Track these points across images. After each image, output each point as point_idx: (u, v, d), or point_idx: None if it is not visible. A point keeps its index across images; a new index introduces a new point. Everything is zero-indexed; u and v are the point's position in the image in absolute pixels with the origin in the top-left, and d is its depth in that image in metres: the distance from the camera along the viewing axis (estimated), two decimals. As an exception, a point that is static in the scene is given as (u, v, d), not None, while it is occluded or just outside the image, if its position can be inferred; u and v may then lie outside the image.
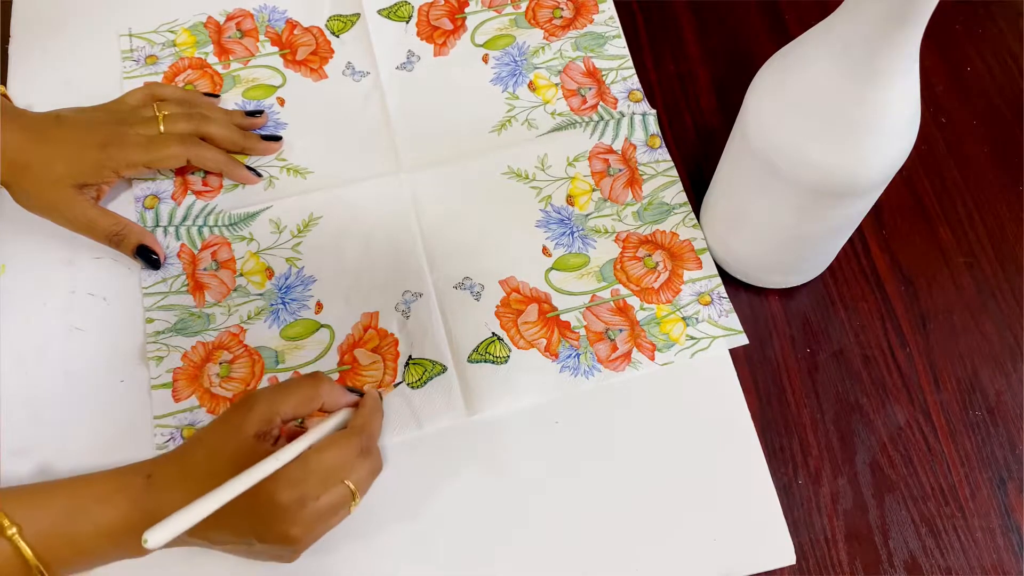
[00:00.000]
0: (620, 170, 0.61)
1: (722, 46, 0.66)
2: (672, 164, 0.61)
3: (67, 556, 0.43)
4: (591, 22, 0.67)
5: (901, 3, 0.37)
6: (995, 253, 0.59)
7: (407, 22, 0.67)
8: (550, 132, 0.62)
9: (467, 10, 0.67)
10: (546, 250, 0.58)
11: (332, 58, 0.65)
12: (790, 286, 0.57)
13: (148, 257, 0.56)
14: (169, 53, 0.65)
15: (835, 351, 0.55)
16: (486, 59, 0.65)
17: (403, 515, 0.50)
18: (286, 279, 0.57)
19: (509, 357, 0.54)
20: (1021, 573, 0.49)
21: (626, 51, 0.66)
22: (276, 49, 0.66)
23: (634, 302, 0.56)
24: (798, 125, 0.43)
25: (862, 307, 0.57)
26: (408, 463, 0.51)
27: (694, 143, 0.62)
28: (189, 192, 0.60)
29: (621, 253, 0.58)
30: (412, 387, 0.53)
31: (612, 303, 0.56)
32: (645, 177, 0.61)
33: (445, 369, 0.54)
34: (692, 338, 0.55)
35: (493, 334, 0.55)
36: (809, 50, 0.42)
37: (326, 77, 0.65)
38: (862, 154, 0.43)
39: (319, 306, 0.56)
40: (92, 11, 0.66)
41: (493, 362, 0.54)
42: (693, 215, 0.59)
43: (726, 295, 0.56)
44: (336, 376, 0.54)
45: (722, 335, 0.55)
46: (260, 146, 0.61)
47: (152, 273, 0.57)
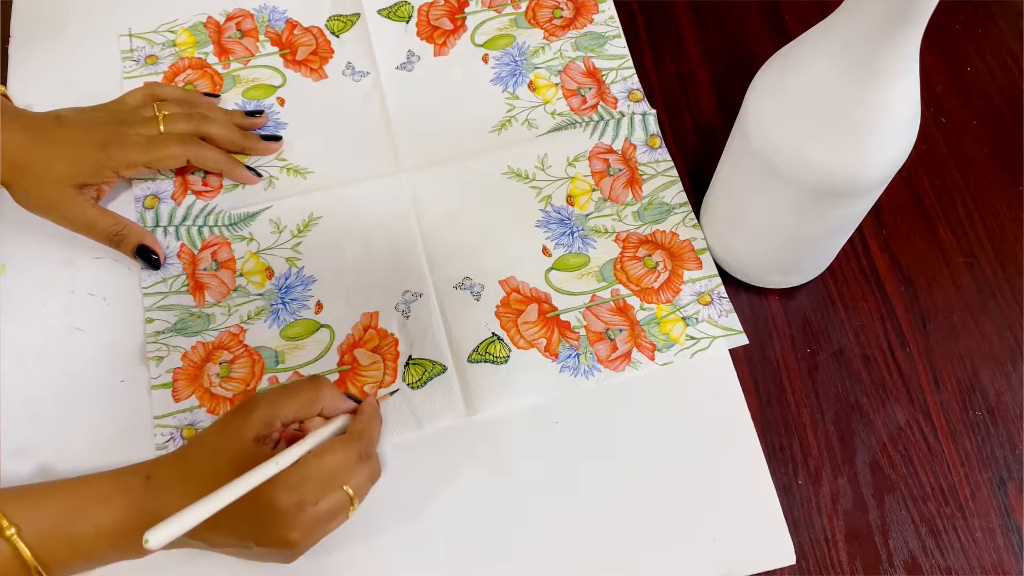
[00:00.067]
0: (620, 170, 0.61)
1: (722, 46, 0.66)
2: (672, 164, 0.61)
3: (66, 557, 0.43)
4: (591, 22, 0.67)
5: (901, 3, 0.37)
6: (995, 253, 0.59)
7: (407, 22, 0.67)
8: (550, 132, 0.62)
9: (467, 10, 0.67)
10: (546, 250, 0.58)
11: (332, 58, 0.65)
12: (790, 286, 0.57)
13: (148, 257, 0.56)
14: (169, 53, 0.65)
15: (835, 351, 0.55)
16: (486, 59, 0.65)
17: (403, 515, 0.50)
18: (286, 279, 0.57)
19: (509, 357, 0.54)
20: (1021, 573, 0.49)
21: (626, 51, 0.66)
22: (276, 49, 0.66)
23: (634, 302, 0.56)
24: (798, 125, 0.43)
25: (862, 307, 0.57)
26: (408, 463, 0.51)
27: (694, 143, 0.62)
28: (189, 192, 0.60)
29: (621, 253, 0.58)
30: (412, 387, 0.53)
31: (612, 303, 0.56)
32: (645, 177, 0.61)
33: (445, 369, 0.54)
34: (692, 338, 0.55)
35: (493, 334, 0.55)
36: (809, 50, 0.42)
37: (326, 77, 0.65)
38: (862, 154, 0.43)
39: (319, 306, 0.56)
40: (92, 11, 0.66)
41: (493, 362, 0.54)
42: (693, 215, 0.59)
43: (726, 295, 0.56)
44: (336, 376, 0.54)
45: (722, 335, 0.55)
46: (260, 146, 0.61)
47: (152, 273, 0.57)
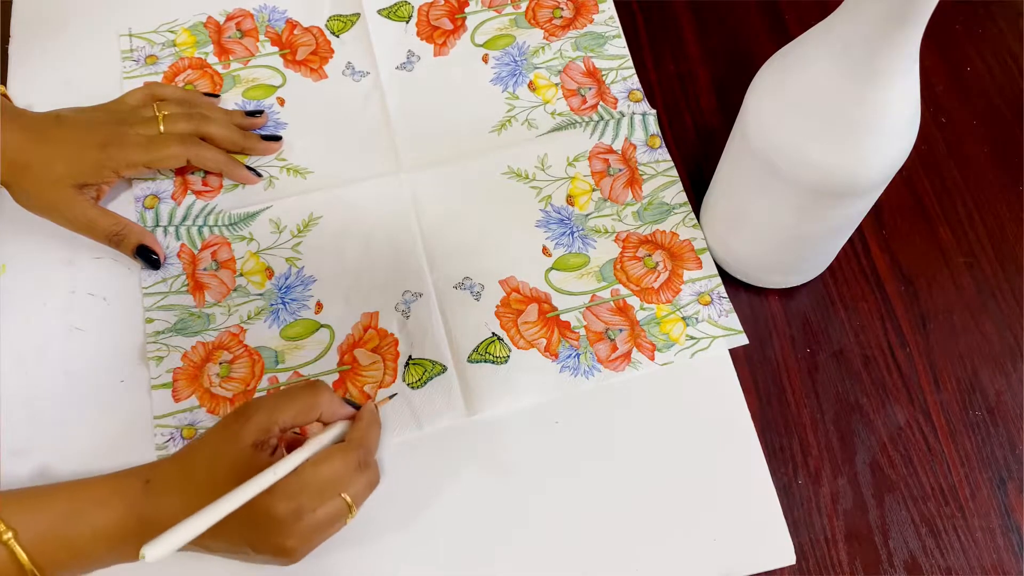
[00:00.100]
0: (620, 170, 0.61)
1: (722, 46, 0.66)
2: (672, 164, 0.61)
3: (63, 560, 0.43)
4: (591, 22, 0.67)
5: (901, 3, 0.37)
6: (995, 253, 0.59)
7: (407, 22, 0.67)
8: (550, 132, 0.62)
9: (467, 10, 0.67)
10: (546, 250, 0.58)
11: (332, 58, 0.65)
12: (790, 286, 0.57)
13: (148, 257, 0.56)
14: (169, 53, 0.65)
15: (835, 351, 0.55)
16: (486, 59, 0.65)
17: (403, 515, 0.50)
18: (286, 279, 0.57)
19: (509, 357, 0.54)
20: (1021, 573, 0.49)
21: (626, 51, 0.66)
22: (276, 49, 0.66)
23: (634, 302, 0.56)
24: (798, 125, 0.43)
25: (862, 307, 0.57)
26: (408, 463, 0.51)
27: (694, 143, 0.62)
28: (189, 192, 0.60)
29: (621, 253, 0.58)
30: (412, 387, 0.53)
31: (612, 303, 0.56)
32: (645, 177, 0.61)
33: (445, 369, 0.54)
34: (692, 338, 0.55)
35: (493, 334, 0.55)
36: (809, 50, 0.42)
37: (326, 77, 0.65)
38: (862, 154, 0.43)
39: (319, 306, 0.56)
40: (92, 11, 0.66)
41: (493, 362, 0.54)
42: (693, 215, 0.59)
43: (726, 295, 0.56)
44: (336, 376, 0.54)
45: (722, 335, 0.55)
46: (260, 146, 0.61)
47: (152, 273, 0.57)
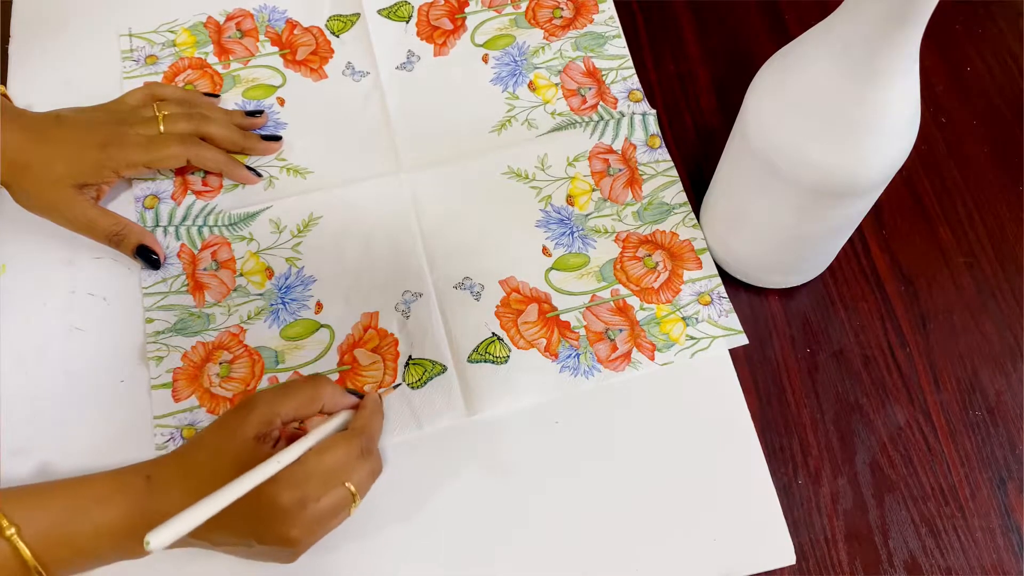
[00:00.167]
0: (620, 170, 0.61)
1: (722, 46, 0.66)
2: (672, 164, 0.61)
3: (66, 557, 0.43)
4: (591, 22, 0.67)
5: (901, 3, 0.37)
6: (995, 253, 0.59)
7: (407, 22, 0.67)
8: (550, 132, 0.62)
9: (467, 10, 0.67)
10: (546, 250, 0.58)
11: (332, 58, 0.65)
12: (790, 286, 0.57)
13: (148, 257, 0.56)
14: (169, 53, 0.65)
15: (835, 351, 0.55)
16: (486, 59, 0.65)
17: (403, 515, 0.50)
18: (286, 279, 0.57)
19: (509, 357, 0.54)
20: (1021, 573, 0.49)
21: (626, 51, 0.66)
22: (276, 49, 0.66)
23: (634, 302, 0.56)
24: (798, 125, 0.43)
25: (862, 307, 0.57)
26: (408, 463, 0.51)
27: (694, 143, 0.62)
28: (189, 192, 0.60)
29: (621, 253, 0.58)
30: (412, 387, 0.53)
31: (612, 303, 0.56)
32: (645, 177, 0.61)
33: (445, 369, 0.54)
34: (692, 338, 0.55)
35: (493, 334, 0.55)
36: (809, 50, 0.42)
37: (326, 77, 0.65)
38: (862, 154, 0.43)
39: (319, 306, 0.56)
40: (92, 11, 0.66)
41: (493, 362, 0.54)
42: (693, 215, 0.59)
43: (726, 295, 0.56)
44: (336, 376, 0.54)
45: (722, 335, 0.55)
46: (260, 146, 0.61)
47: (152, 273, 0.57)
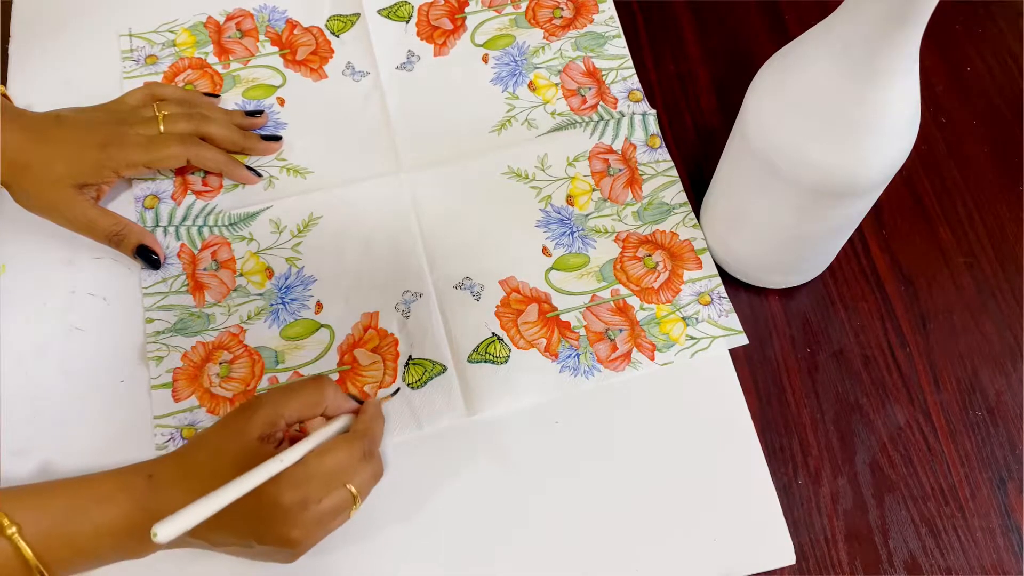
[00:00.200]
0: (620, 170, 0.61)
1: (722, 46, 0.66)
2: (672, 164, 0.61)
3: (67, 556, 0.43)
4: (591, 22, 0.67)
5: (901, 3, 0.37)
6: (995, 253, 0.59)
7: (407, 22, 0.67)
8: (550, 132, 0.62)
9: (467, 10, 0.67)
10: (546, 250, 0.58)
11: (332, 58, 0.65)
12: (790, 286, 0.57)
13: (148, 257, 0.56)
14: (169, 53, 0.65)
15: (835, 351, 0.55)
16: (486, 59, 0.65)
17: (403, 515, 0.50)
18: (286, 279, 0.57)
19: (509, 357, 0.54)
20: (1021, 573, 0.49)
21: (626, 51, 0.66)
22: (276, 49, 0.66)
23: (634, 302, 0.56)
24: (798, 125, 0.43)
25: (862, 307, 0.57)
26: (408, 463, 0.51)
27: (694, 143, 0.62)
28: (189, 192, 0.60)
29: (621, 253, 0.58)
30: (412, 387, 0.53)
31: (612, 303, 0.56)
32: (645, 177, 0.61)
33: (445, 369, 0.54)
34: (692, 338, 0.55)
35: (493, 334, 0.55)
36: (809, 50, 0.42)
37: (326, 77, 0.65)
38: (862, 154, 0.43)
39: (319, 306, 0.56)
40: (92, 11, 0.66)
41: (493, 362, 0.54)
42: (693, 215, 0.59)
43: (726, 295, 0.56)
44: (336, 376, 0.54)
45: (722, 335, 0.55)
46: (260, 146, 0.61)
47: (152, 273, 0.57)
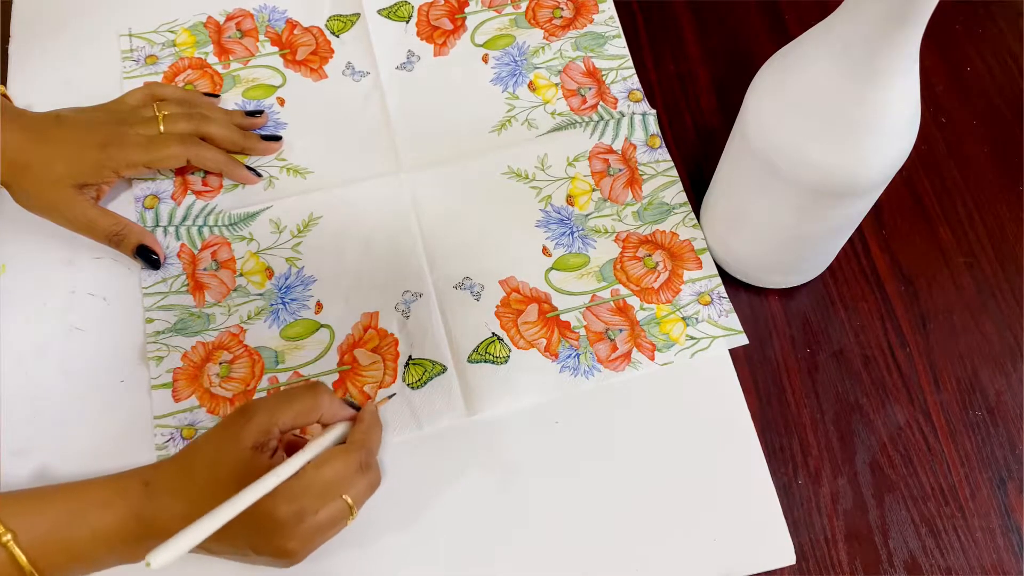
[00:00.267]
0: (620, 170, 0.61)
1: (722, 46, 0.66)
2: (672, 164, 0.61)
3: (63, 562, 0.43)
4: (591, 22, 0.67)
5: (901, 3, 0.37)
6: (995, 253, 0.59)
7: (407, 22, 0.67)
8: (550, 132, 0.62)
9: (467, 10, 0.67)
10: (546, 250, 0.58)
11: (332, 58, 0.65)
12: (790, 286, 0.57)
13: (148, 257, 0.56)
14: (169, 53, 0.65)
15: (835, 351, 0.55)
16: (486, 59, 0.65)
17: (403, 515, 0.50)
18: (286, 279, 0.57)
19: (509, 357, 0.54)
20: (1021, 573, 0.49)
21: (626, 51, 0.66)
22: (276, 49, 0.66)
23: (634, 302, 0.56)
24: (798, 125, 0.43)
25: (862, 307, 0.57)
26: (408, 463, 0.51)
27: (694, 143, 0.62)
28: (189, 192, 0.60)
29: (621, 253, 0.58)
30: (412, 387, 0.53)
31: (612, 303, 0.56)
32: (645, 177, 0.61)
33: (445, 369, 0.54)
34: (692, 338, 0.55)
35: (493, 334, 0.55)
36: (809, 50, 0.42)
37: (326, 77, 0.65)
38: (862, 154, 0.43)
39: (319, 306, 0.56)
40: (92, 11, 0.66)
41: (493, 362, 0.54)
42: (693, 215, 0.59)
43: (726, 295, 0.56)
44: (336, 376, 0.54)
45: (722, 335, 0.55)
46: (260, 146, 0.61)
47: (152, 273, 0.57)
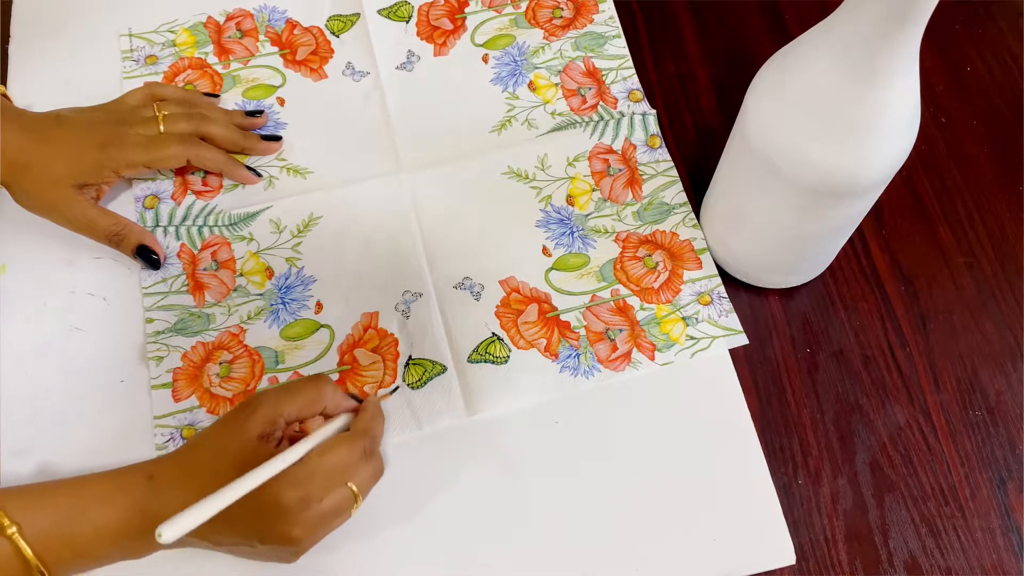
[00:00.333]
0: (620, 170, 0.61)
1: (722, 46, 0.66)
2: (672, 164, 0.61)
3: (67, 556, 0.43)
4: (591, 22, 0.67)
5: (901, 3, 0.37)
6: (995, 253, 0.59)
7: (407, 22, 0.67)
8: (550, 132, 0.62)
9: (467, 10, 0.67)
10: (546, 250, 0.58)
11: (332, 58, 0.65)
12: (790, 286, 0.57)
13: (148, 257, 0.56)
14: (169, 53, 0.65)
15: (835, 351, 0.55)
16: (486, 59, 0.65)
17: (403, 515, 0.50)
18: (286, 279, 0.57)
19: (509, 357, 0.54)
20: (1021, 573, 0.49)
21: (626, 51, 0.66)
22: (276, 49, 0.66)
23: (634, 302, 0.56)
24: (798, 125, 0.43)
25: (862, 307, 0.57)
26: (408, 463, 0.51)
27: (694, 143, 0.62)
28: (189, 192, 0.60)
29: (621, 253, 0.58)
30: (412, 387, 0.53)
31: (612, 303, 0.56)
32: (645, 177, 0.61)
33: (445, 369, 0.54)
34: (692, 338, 0.55)
35: (493, 334, 0.55)
36: (809, 50, 0.42)
37: (326, 77, 0.65)
38: (862, 154, 0.43)
39: (319, 306, 0.56)
40: (92, 11, 0.66)
41: (493, 362, 0.54)
42: (693, 215, 0.59)
43: (726, 295, 0.56)
44: (336, 376, 0.54)
45: (722, 335, 0.55)
46: (260, 146, 0.61)
47: (152, 273, 0.57)
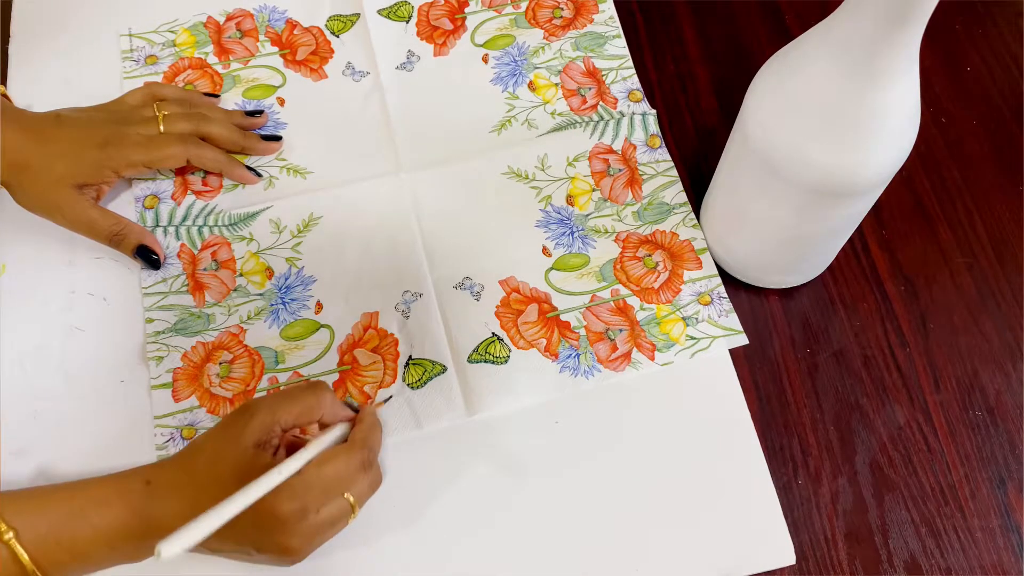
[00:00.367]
0: (620, 170, 0.61)
1: (722, 46, 0.66)
2: (672, 164, 0.61)
3: (64, 561, 0.43)
4: (591, 22, 0.67)
5: (901, 3, 0.37)
6: (995, 253, 0.59)
7: (407, 22, 0.67)
8: (550, 132, 0.62)
9: (467, 10, 0.67)
10: (546, 250, 0.58)
11: (332, 58, 0.65)
12: (790, 286, 0.57)
13: (148, 257, 0.56)
14: (169, 53, 0.65)
15: (835, 351, 0.55)
16: (486, 59, 0.65)
17: (403, 515, 0.50)
18: (286, 279, 0.57)
19: (509, 357, 0.54)
20: (1021, 573, 0.49)
21: (626, 51, 0.66)
22: (276, 49, 0.66)
23: (634, 302, 0.56)
24: (798, 125, 0.43)
25: (862, 307, 0.57)
26: (408, 463, 0.51)
27: (694, 143, 0.62)
28: (189, 192, 0.60)
29: (621, 253, 0.58)
30: (412, 387, 0.53)
31: (612, 303, 0.56)
32: (645, 177, 0.61)
33: (445, 369, 0.54)
34: (692, 338, 0.55)
35: (493, 334, 0.55)
36: (809, 50, 0.42)
37: (326, 77, 0.65)
38: (862, 154, 0.43)
39: (319, 306, 0.56)
40: (92, 11, 0.66)
41: (493, 362, 0.54)
42: (693, 215, 0.59)
43: (726, 295, 0.56)
44: (336, 376, 0.54)
45: (722, 335, 0.55)
46: (260, 146, 0.61)
47: (152, 273, 0.57)
